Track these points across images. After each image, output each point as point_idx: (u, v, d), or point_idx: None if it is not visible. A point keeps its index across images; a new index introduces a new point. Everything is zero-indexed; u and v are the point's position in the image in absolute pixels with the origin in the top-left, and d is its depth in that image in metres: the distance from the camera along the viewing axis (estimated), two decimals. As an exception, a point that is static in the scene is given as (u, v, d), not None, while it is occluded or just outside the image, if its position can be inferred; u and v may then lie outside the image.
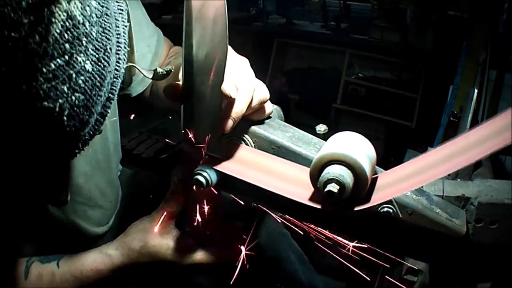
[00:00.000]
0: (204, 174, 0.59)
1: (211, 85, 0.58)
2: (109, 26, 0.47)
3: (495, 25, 1.93)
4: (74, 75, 0.43)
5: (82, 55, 0.43)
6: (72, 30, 0.41)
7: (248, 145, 0.66)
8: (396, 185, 0.52)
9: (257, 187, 0.57)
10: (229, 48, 0.68)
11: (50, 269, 0.76)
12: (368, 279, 0.71)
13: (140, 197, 1.07)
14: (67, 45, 0.41)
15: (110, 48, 0.47)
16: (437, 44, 2.64)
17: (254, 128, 0.66)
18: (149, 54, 0.93)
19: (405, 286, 0.71)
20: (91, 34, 0.44)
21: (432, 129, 1.99)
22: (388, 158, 2.57)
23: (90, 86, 0.45)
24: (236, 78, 0.60)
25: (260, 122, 0.68)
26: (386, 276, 0.75)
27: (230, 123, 0.59)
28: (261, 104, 0.66)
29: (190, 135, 0.63)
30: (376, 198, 0.52)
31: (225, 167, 0.61)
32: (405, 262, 0.72)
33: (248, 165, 0.61)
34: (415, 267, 0.74)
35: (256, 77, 0.67)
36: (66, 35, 0.41)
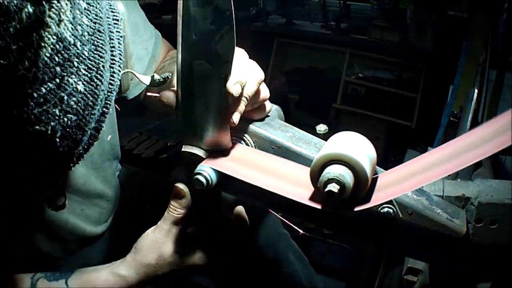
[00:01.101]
0: (204, 174, 0.59)
1: (216, 84, 0.58)
2: (102, 43, 0.46)
3: (495, 25, 1.93)
4: (65, 97, 0.42)
5: (73, 76, 0.42)
6: (63, 52, 0.40)
7: (248, 145, 0.66)
8: (396, 185, 0.52)
9: (257, 187, 0.57)
10: None
11: (58, 286, 0.71)
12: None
13: (139, 197, 1.07)
14: (58, 68, 0.40)
15: (103, 66, 0.46)
16: (437, 44, 2.64)
17: (254, 128, 0.66)
18: (146, 57, 0.92)
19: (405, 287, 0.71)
20: (83, 54, 0.43)
21: (432, 129, 1.99)
22: (388, 158, 2.57)
23: (82, 106, 0.44)
24: (241, 75, 0.59)
25: (260, 121, 0.68)
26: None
27: (237, 116, 0.60)
28: (265, 99, 0.65)
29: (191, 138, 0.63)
30: (377, 198, 0.52)
31: (225, 167, 0.61)
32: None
33: (248, 165, 0.61)
34: (415, 267, 0.74)
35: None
36: (56, 58, 0.40)
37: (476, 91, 1.01)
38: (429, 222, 0.56)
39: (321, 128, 0.73)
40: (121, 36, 0.52)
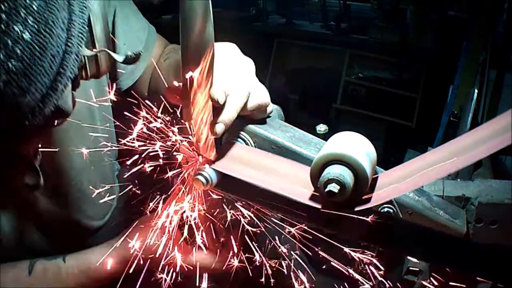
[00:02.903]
0: (205, 174, 0.59)
1: (203, 88, 0.57)
2: (53, 2, 0.48)
3: (495, 25, 1.93)
4: (10, 43, 0.44)
5: (19, 24, 0.45)
6: (9, 1, 0.43)
7: (248, 145, 0.66)
8: (397, 185, 0.52)
9: (257, 187, 0.57)
10: (235, 47, 0.69)
11: (56, 264, 0.77)
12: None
13: (139, 195, 1.07)
14: (3, 15, 0.43)
15: (53, 22, 0.48)
16: (437, 44, 2.64)
17: (254, 128, 0.66)
18: (140, 46, 0.94)
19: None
20: (31, 6, 0.46)
21: (432, 129, 1.99)
22: (388, 158, 2.57)
23: (28, 55, 0.46)
24: (229, 83, 0.59)
25: (260, 121, 0.68)
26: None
27: (220, 127, 0.59)
28: (260, 108, 0.65)
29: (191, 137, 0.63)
30: (377, 198, 0.52)
31: (225, 167, 0.61)
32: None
33: (248, 165, 0.61)
34: (415, 267, 0.74)
35: (256, 76, 0.66)
36: (2, 7, 0.43)
37: (476, 91, 1.01)
38: (429, 222, 0.56)
39: (321, 128, 0.73)
40: (85, 7, 0.54)
